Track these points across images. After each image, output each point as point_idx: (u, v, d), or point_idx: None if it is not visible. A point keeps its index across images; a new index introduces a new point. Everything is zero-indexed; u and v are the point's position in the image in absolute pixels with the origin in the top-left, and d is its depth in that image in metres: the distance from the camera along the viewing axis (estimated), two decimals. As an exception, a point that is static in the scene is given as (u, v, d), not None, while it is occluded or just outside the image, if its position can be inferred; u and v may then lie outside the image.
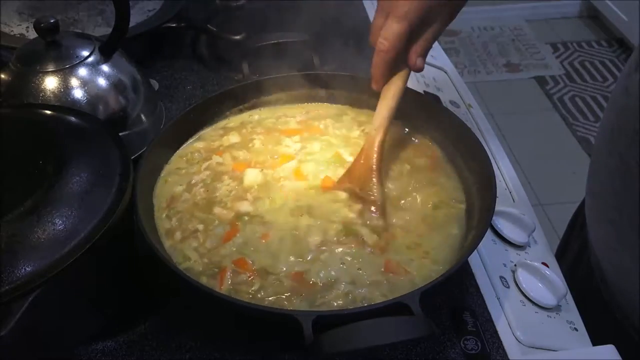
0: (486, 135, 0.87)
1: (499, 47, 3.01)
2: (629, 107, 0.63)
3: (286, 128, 0.77)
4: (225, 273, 0.58)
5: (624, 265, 0.69)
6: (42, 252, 0.49)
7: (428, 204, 0.66)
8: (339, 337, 0.45)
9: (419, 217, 0.65)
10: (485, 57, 2.93)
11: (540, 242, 0.72)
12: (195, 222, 0.64)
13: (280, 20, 0.94)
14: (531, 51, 2.96)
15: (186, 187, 0.68)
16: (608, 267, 0.73)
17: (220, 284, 0.57)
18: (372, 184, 0.65)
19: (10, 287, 0.46)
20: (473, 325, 0.60)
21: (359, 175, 0.67)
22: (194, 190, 0.68)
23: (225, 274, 0.58)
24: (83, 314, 0.57)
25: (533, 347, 0.59)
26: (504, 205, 0.73)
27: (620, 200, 0.66)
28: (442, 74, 1.01)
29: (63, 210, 0.52)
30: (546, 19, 3.18)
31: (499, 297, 0.63)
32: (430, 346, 0.59)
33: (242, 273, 0.58)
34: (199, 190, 0.67)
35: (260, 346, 0.59)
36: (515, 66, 2.86)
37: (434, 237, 0.62)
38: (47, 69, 0.71)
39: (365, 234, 0.61)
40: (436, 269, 0.59)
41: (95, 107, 0.73)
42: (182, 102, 0.92)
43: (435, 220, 0.64)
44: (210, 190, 0.67)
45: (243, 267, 0.59)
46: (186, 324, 0.61)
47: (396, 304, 0.49)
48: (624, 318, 0.72)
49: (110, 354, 0.58)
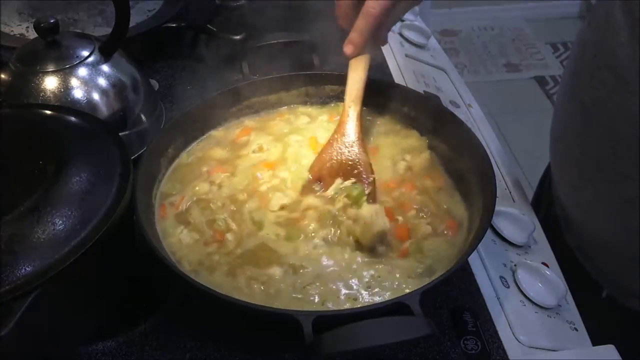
0: (486, 135, 0.87)
1: (499, 47, 3.01)
2: (584, 55, 0.68)
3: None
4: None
5: (586, 201, 0.73)
6: (42, 252, 0.49)
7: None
8: (339, 337, 0.45)
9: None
10: (485, 57, 2.93)
11: (540, 242, 0.72)
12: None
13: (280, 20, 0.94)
14: (531, 51, 2.96)
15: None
16: (572, 209, 0.77)
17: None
18: (356, 154, 0.65)
19: (10, 287, 0.46)
20: (473, 325, 0.60)
21: (343, 147, 0.66)
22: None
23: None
24: (83, 314, 0.57)
25: (533, 347, 0.59)
26: (504, 205, 0.73)
27: (581, 140, 0.70)
28: (442, 74, 1.01)
29: (63, 210, 0.52)
30: (546, 19, 3.18)
31: (499, 297, 0.63)
32: (430, 346, 0.59)
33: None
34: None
35: (260, 346, 0.59)
36: (515, 66, 2.86)
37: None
38: (47, 69, 0.71)
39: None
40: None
41: (95, 107, 0.73)
42: (182, 102, 0.92)
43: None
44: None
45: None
46: (186, 324, 0.61)
47: (396, 304, 0.49)
48: (586, 259, 0.77)
49: (110, 354, 0.58)
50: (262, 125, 0.77)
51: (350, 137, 0.67)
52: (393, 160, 0.71)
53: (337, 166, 0.66)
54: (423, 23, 1.13)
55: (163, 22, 0.96)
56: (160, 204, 0.66)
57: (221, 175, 0.69)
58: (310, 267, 0.59)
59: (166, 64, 1.00)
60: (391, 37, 1.04)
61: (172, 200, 0.67)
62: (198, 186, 0.68)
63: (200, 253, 0.61)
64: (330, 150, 0.67)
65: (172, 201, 0.67)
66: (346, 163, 0.65)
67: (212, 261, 0.60)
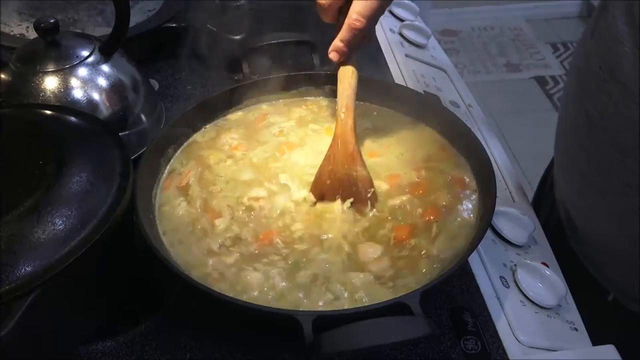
0: (486, 135, 0.87)
1: (499, 47, 3.01)
2: (588, 66, 0.67)
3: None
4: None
5: (592, 210, 0.73)
6: (42, 252, 0.49)
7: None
8: (339, 337, 0.45)
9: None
10: (485, 57, 2.93)
11: (540, 242, 0.72)
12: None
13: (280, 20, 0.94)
14: (531, 51, 2.96)
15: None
16: (577, 216, 0.77)
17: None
18: (355, 166, 0.64)
19: (10, 287, 0.46)
20: (473, 325, 0.60)
21: (340, 163, 0.64)
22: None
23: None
24: (83, 314, 0.57)
25: (533, 347, 0.59)
26: (504, 205, 0.73)
27: (587, 151, 0.70)
28: (442, 74, 1.01)
29: (63, 210, 0.52)
30: (546, 19, 3.18)
31: (499, 297, 0.63)
32: (430, 346, 0.59)
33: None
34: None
35: (260, 346, 0.59)
36: (515, 66, 2.86)
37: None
38: (47, 69, 0.71)
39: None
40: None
41: (95, 107, 0.73)
42: (182, 102, 0.92)
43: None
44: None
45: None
46: (186, 324, 0.61)
47: (396, 304, 0.49)
48: (590, 265, 0.77)
49: (110, 354, 0.58)
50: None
51: (347, 150, 0.65)
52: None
53: (336, 184, 0.64)
54: (423, 23, 1.13)
55: (163, 22, 0.96)
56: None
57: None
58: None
59: (166, 64, 1.00)
60: (391, 37, 1.05)
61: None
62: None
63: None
64: (328, 168, 0.65)
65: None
66: (345, 179, 0.64)
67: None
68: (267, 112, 0.78)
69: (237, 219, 0.63)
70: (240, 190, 0.66)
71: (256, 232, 0.62)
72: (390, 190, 0.66)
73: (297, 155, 0.71)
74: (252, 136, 0.74)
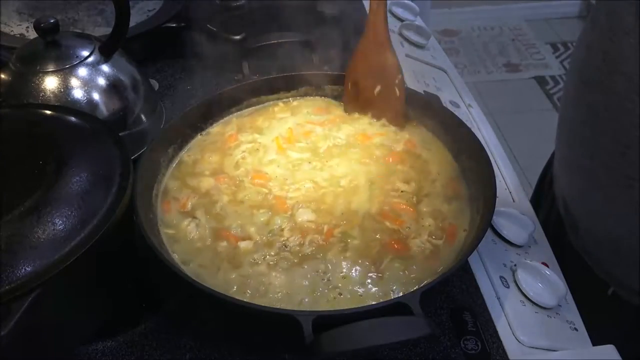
0: (486, 135, 0.87)
1: (499, 47, 3.01)
2: (591, 60, 0.68)
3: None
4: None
5: (595, 206, 0.73)
6: (42, 252, 0.49)
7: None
8: (339, 337, 0.45)
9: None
10: (485, 57, 2.93)
11: (540, 242, 0.72)
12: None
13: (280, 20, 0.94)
14: (531, 51, 2.96)
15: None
16: (580, 213, 0.77)
17: None
18: (386, 53, 0.69)
19: (10, 287, 0.46)
20: (473, 325, 0.60)
21: (371, 50, 0.69)
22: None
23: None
24: (83, 314, 0.57)
25: (533, 347, 0.59)
26: (504, 205, 0.73)
27: (590, 146, 0.70)
28: (442, 74, 1.01)
29: (63, 210, 0.52)
30: (546, 19, 3.18)
31: (499, 297, 0.63)
32: (430, 346, 0.59)
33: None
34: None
35: (260, 346, 0.59)
36: (515, 66, 2.86)
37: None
38: (47, 69, 0.71)
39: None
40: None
41: (95, 107, 0.73)
42: (182, 102, 0.92)
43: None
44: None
45: None
46: (186, 324, 0.61)
47: (396, 304, 0.49)
48: (593, 261, 0.77)
49: (110, 354, 0.58)
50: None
51: (379, 37, 0.69)
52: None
53: (367, 69, 0.70)
54: (423, 23, 1.12)
55: (163, 22, 0.96)
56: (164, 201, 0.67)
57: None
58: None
59: (166, 64, 1.00)
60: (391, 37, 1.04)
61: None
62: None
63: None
64: (361, 53, 0.71)
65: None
66: (375, 65, 0.69)
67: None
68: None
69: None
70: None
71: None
72: None
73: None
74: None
